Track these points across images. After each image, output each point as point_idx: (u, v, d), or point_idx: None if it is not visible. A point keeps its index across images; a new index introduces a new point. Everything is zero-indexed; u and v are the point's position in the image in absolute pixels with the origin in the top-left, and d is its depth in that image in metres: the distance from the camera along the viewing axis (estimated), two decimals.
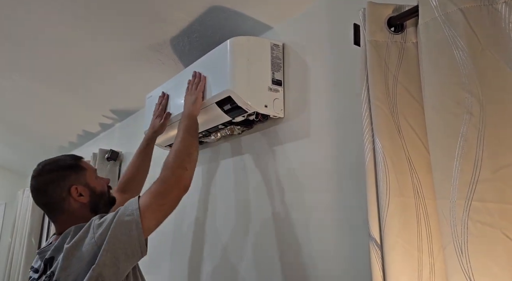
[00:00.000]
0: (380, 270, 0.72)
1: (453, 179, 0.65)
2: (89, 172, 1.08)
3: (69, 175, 1.04)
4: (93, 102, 2.38)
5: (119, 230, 0.90)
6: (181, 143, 1.08)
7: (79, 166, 1.08)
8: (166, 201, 0.96)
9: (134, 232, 0.90)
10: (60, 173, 1.04)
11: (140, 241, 0.91)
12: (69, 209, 1.03)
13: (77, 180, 1.04)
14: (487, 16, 0.67)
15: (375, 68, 0.80)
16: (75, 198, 1.02)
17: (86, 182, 1.06)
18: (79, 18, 1.50)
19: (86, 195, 1.04)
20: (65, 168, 1.06)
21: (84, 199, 1.04)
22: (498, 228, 0.59)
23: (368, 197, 0.76)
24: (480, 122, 0.64)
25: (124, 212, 0.93)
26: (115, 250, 0.89)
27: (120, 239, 0.89)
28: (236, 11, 1.28)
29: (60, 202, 1.02)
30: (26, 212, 3.85)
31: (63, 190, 1.02)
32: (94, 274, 0.86)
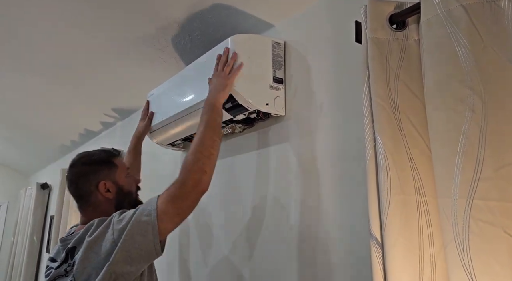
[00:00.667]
0: (381, 269, 0.72)
1: (454, 177, 0.64)
2: (120, 170, 1.11)
3: (100, 170, 1.07)
4: (95, 101, 2.38)
5: (135, 229, 0.91)
6: (201, 141, 1.01)
7: (112, 163, 1.10)
8: (183, 205, 0.95)
9: (150, 233, 0.90)
10: (93, 167, 1.08)
11: (155, 243, 0.91)
12: (95, 202, 1.06)
13: (107, 176, 1.07)
14: (490, 12, 0.66)
15: (377, 65, 0.79)
16: (102, 193, 1.05)
17: (115, 179, 1.08)
18: (81, 16, 1.50)
19: (113, 191, 1.07)
20: (98, 163, 1.09)
21: (110, 195, 1.06)
22: (500, 227, 0.59)
23: (369, 195, 0.76)
24: (482, 120, 0.63)
25: (143, 211, 0.93)
26: (130, 249, 0.90)
27: (136, 239, 0.90)
28: (237, 9, 1.28)
29: (87, 195, 1.06)
30: (28, 211, 3.86)
31: (92, 183, 1.06)
32: (108, 270, 0.88)
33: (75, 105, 2.49)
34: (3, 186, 4.94)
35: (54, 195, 3.58)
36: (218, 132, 1.07)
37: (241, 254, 1.32)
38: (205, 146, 1.01)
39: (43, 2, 1.45)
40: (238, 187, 1.39)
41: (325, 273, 1.02)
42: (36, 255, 3.64)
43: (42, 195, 3.80)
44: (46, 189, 3.83)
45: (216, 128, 1.07)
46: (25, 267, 3.55)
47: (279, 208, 1.20)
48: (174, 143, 1.64)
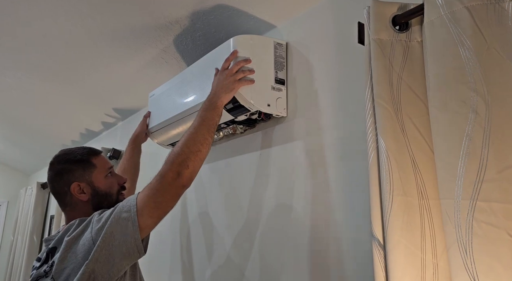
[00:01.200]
0: (382, 270, 0.71)
1: (457, 178, 0.64)
2: (98, 170, 1.05)
3: (74, 170, 1.02)
4: (96, 101, 2.38)
5: (115, 227, 0.88)
6: (192, 136, 0.99)
7: (89, 162, 1.04)
8: (163, 199, 0.91)
9: (130, 229, 0.87)
10: (67, 166, 1.03)
11: (136, 240, 0.88)
12: (71, 203, 1.02)
13: (81, 177, 1.02)
14: (494, 14, 0.66)
15: (380, 66, 0.79)
16: (75, 194, 1.01)
17: (90, 180, 1.03)
18: (83, 17, 1.50)
19: (88, 193, 1.02)
20: (73, 162, 1.03)
21: (84, 197, 1.01)
22: (503, 229, 0.59)
23: (371, 196, 0.76)
24: (486, 121, 0.63)
25: (122, 208, 0.90)
26: (110, 248, 0.87)
27: (116, 237, 0.87)
28: (239, 9, 1.28)
29: (63, 195, 1.02)
30: (28, 210, 3.86)
31: (66, 184, 1.01)
32: (87, 269, 0.85)
33: (76, 104, 2.49)
34: (3, 186, 4.94)
35: None
36: (213, 131, 1.04)
37: (243, 255, 1.32)
38: (196, 141, 0.98)
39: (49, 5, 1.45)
40: (239, 188, 1.38)
41: (328, 273, 1.02)
42: (36, 255, 3.63)
43: (42, 194, 3.80)
44: (47, 189, 3.82)
45: (212, 127, 1.03)
46: (24, 267, 3.55)
47: (280, 209, 1.19)
48: (175, 144, 1.64)
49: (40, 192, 3.78)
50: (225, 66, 1.14)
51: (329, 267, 1.01)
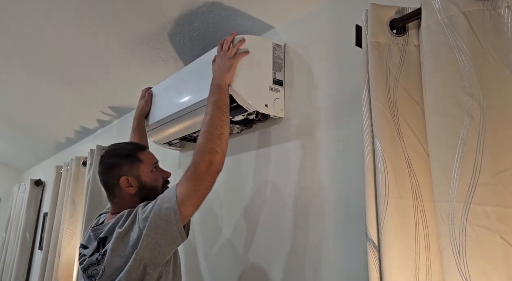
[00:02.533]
0: (377, 271, 0.72)
1: (452, 181, 0.65)
2: (145, 165, 1.10)
3: (123, 165, 1.08)
4: (92, 98, 2.38)
5: (158, 216, 0.94)
6: (210, 122, 1.03)
7: (136, 157, 1.10)
8: (200, 187, 0.97)
9: (173, 218, 0.94)
10: (117, 161, 1.09)
11: (179, 227, 0.95)
12: (119, 195, 1.08)
13: (129, 171, 1.07)
14: (489, 20, 0.67)
15: (377, 69, 0.80)
16: (124, 188, 1.07)
17: (138, 174, 1.08)
18: (79, 13, 1.49)
19: (135, 186, 1.07)
20: (122, 157, 1.09)
21: (132, 190, 1.07)
22: (497, 232, 0.59)
23: (367, 198, 0.76)
24: (480, 125, 0.64)
25: (164, 199, 0.97)
26: (156, 236, 0.94)
27: (160, 225, 0.94)
28: (238, 9, 1.28)
29: (112, 188, 1.08)
30: (21, 207, 3.84)
31: (115, 177, 1.07)
32: (137, 257, 0.93)
33: (71, 102, 2.48)
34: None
35: (48, 192, 3.56)
36: (226, 111, 1.08)
37: (238, 255, 1.32)
38: (215, 126, 1.02)
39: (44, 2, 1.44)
40: (236, 188, 1.39)
41: (321, 274, 1.02)
42: (28, 252, 3.62)
43: (35, 191, 3.77)
44: (40, 186, 3.80)
45: (224, 107, 1.07)
46: (17, 264, 3.52)
47: (276, 209, 1.20)
48: (171, 142, 1.64)
49: (34, 189, 3.76)
50: (225, 48, 1.18)
51: (324, 265, 1.02)
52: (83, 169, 2.62)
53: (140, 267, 0.94)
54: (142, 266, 0.94)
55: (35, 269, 3.36)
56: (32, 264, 3.59)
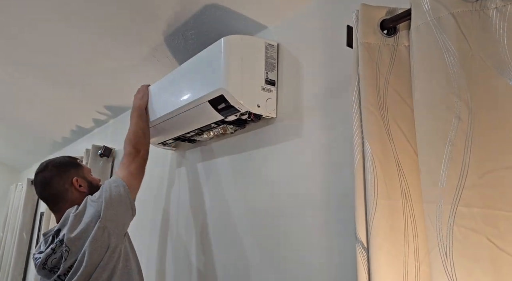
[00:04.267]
0: (366, 273, 0.72)
1: (440, 183, 0.65)
2: (85, 169, 1.35)
3: (70, 170, 1.28)
4: (88, 98, 2.37)
5: (111, 192, 1.16)
6: (136, 126, 1.41)
7: (77, 164, 1.33)
8: (135, 168, 1.28)
9: (123, 192, 1.18)
10: (63, 168, 1.28)
11: (130, 199, 1.19)
12: (71, 198, 1.24)
13: (77, 173, 1.28)
14: (478, 21, 0.67)
15: (367, 70, 0.80)
16: (76, 188, 1.25)
17: (84, 176, 1.30)
18: (75, 13, 1.49)
19: (85, 186, 1.28)
20: (66, 164, 1.30)
21: (84, 189, 1.27)
22: (483, 234, 0.59)
23: (356, 199, 0.76)
24: (468, 127, 0.64)
25: (109, 182, 1.21)
26: (113, 207, 1.14)
27: (115, 199, 1.15)
28: (231, 9, 1.27)
29: (64, 192, 1.24)
30: (18, 207, 3.83)
31: (66, 181, 1.25)
32: (100, 225, 1.10)
33: (67, 101, 2.47)
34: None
35: None
36: (147, 122, 1.47)
37: (231, 255, 1.32)
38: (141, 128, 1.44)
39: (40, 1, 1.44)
40: (229, 188, 1.38)
41: (310, 277, 1.02)
42: (25, 252, 3.61)
43: (32, 191, 3.71)
44: None
45: (146, 120, 1.48)
46: (13, 264, 3.52)
47: (270, 209, 1.20)
48: (166, 143, 1.64)
49: (31, 188, 3.74)
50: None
51: (313, 269, 1.02)
52: None
53: (105, 234, 1.09)
54: (106, 233, 1.09)
55: (32, 269, 3.36)
56: (29, 264, 3.58)
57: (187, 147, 1.67)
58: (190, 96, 1.29)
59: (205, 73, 1.24)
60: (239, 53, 1.17)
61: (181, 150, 1.72)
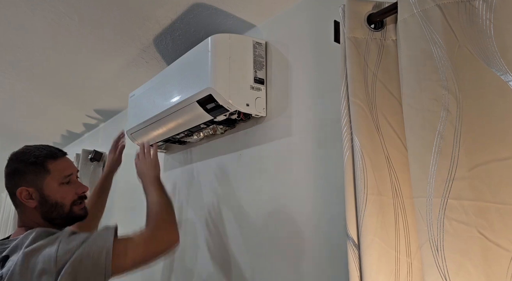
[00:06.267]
0: (357, 270, 0.71)
1: (429, 177, 0.64)
2: (52, 177, 0.95)
3: (25, 173, 0.94)
4: (77, 102, 2.34)
5: (88, 253, 0.82)
6: (161, 206, 1.04)
7: (43, 167, 0.95)
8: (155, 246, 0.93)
9: (103, 261, 0.82)
10: (20, 167, 0.95)
11: (107, 272, 0.82)
12: (20, 206, 0.96)
13: (32, 182, 0.93)
14: (464, 12, 0.66)
15: (354, 65, 0.79)
16: (21, 199, 0.93)
17: (41, 187, 0.94)
18: (62, 16, 1.47)
19: (36, 200, 0.94)
20: (26, 164, 0.95)
21: (32, 203, 0.93)
22: (474, 227, 0.58)
23: (346, 195, 0.75)
24: (457, 119, 0.63)
25: (102, 235, 0.86)
26: (76, 276, 0.80)
27: (87, 266, 0.81)
28: (218, 8, 1.26)
29: (12, 195, 0.96)
30: (9, 214, 3.77)
31: (14, 186, 0.94)
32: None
33: (56, 105, 2.44)
34: None
35: None
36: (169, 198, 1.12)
37: (223, 256, 1.30)
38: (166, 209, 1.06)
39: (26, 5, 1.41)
40: (220, 188, 1.37)
41: (301, 274, 1.01)
42: None
43: None
44: None
45: (167, 195, 1.12)
46: None
47: (260, 209, 1.18)
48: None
49: None
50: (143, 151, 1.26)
51: (303, 266, 1.00)
52: None
53: None
54: None
55: None
56: None
57: (177, 149, 1.65)
58: (179, 97, 1.27)
59: (193, 73, 1.23)
60: (227, 52, 1.16)
61: (171, 152, 1.70)
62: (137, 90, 1.59)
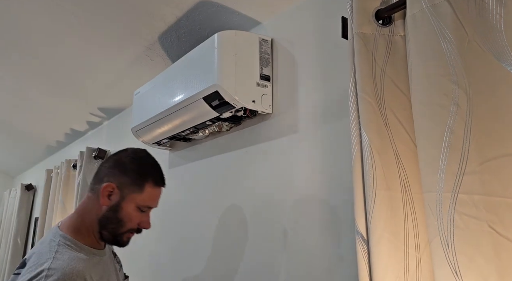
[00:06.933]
0: (366, 265, 0.71)
1: (439, 171, 0.64)
2: (139, 197, 0.91)
3: (125, 175, 0.91)
4: (81, 100, 2.35)
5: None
6: None
7: (142, 183, 0.92)
8: None
9: None
10: (127, 166, 0.92)
11: None
12: (94, 194, 0.93)
13: (122, 186, 0.90)
14: (474, 7, 0.66)
15: (363, 60, 0.79)
16: (101, 191, 0.90)
17: (124, 196, 0.90)
18: (67, 13, 1.47)
19: (110, 202, 0.90)
20: (134, 169, 0.92)
21: (105, 201, 0.90)
22: (484, 221, 0.58)
23: (355, 191, 0.75)
24: (467, 114, 0.63)
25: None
26: None
27: None
28: (224, 6, 1.26)
29: (98, 180, 0.93)
30: (12, 212, 3.78)
31: (108, 176, 0.92)
32: None
33: (61, 104, 2.45)
34: None
35: (38, 196, 3.52)
36: None
37: (230, 255, 1.30)
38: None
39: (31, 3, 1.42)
40: (226, 185, 1.37)
41: (310, 269, 1.01)
42: (20, 257, 3.56)
43: (26, 196, 3.72)
44: (31, 191, 3.75)
45: None
46: (8, 269, 3.47)
47: (266, 206, 1.18)
48: (161, 142, 1.62)
49: (25, 194, 3.71)
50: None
51: (314, 259, 1.00)
52: (73, 172, 2.59)
53: None
54: None
55: None
56: None
57: (183, 146, 1.65)
58: (184, 94, 1.27)
59: (199, 69, 1.23)
60: (233, 48, 1.16)
61: (176, 149, 1.70)
62: (142, 87, 1.59)
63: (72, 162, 2.60)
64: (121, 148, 1.00)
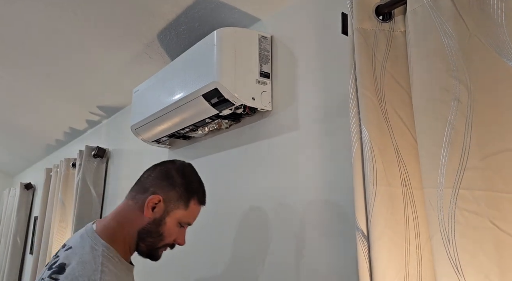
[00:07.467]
0: (366, 262, 0.70)
1: (440, 167, 0.63)
2: (183, 213, 0.90)
3: (173, 189, 0.90)
4: (80, 99, 2.34)
5: None
6: None
7: (187, 200, 0.91)
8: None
9: None
10: (177, 180, 0.91)
11: None
12: (136, 204, 0.89)
13: (169, 200, 0.89)
14: (475, 2, 0.66)
15: (363, 56, 0.78)
16: (146, 202, 0.87)
17: (168, 211, 0.89)
18: (65, 11, 1.46)
19: (153, 215, 0.88)
20: (183, 184, 0.91)
21: (147, 213, 0.87)
22: (486, 217, 0.58)
23: (355, 188, 0.75)
24: (468, 109, 0.63)
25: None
26: None
27: None
28: (223, 2, 1.26)
29: (143, 190, 0.90)
30: (12, 212, 3.78)
31: (155, 187, 0.89)
32: None
33: (59, 102, 2.44)
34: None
35: (38, 195, 3.51)
36: None
37: (227, 252, 1.30)
38: None
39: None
40: (225, 183, 1.36)
41: (310, 267, 1.01)
42: (19, 256, 3.56)
43: (26, 195, 3.72)
44: (30, 190, 3.75)
45: None
46: (8, 269, 3.47)
47: (266, 204, 1.18)
48: (160, 140, 1.62)
49: (24, 193, 3.70)
50: None
51: (315, 255, 1.00)
52: (72, 170, 2.59)
53: None
54: None
55: (27, 274, 3.31)
56: (24, 269, 3.54)
57: (182, 144, 1.65)
58: (184, 91, 1.27)
59: (198, 67, 1.22)
60: (232, 45, 1.16)
61: (176, 147, 1.70)
62: (141, 85, 1.59)
63: (71, 161, 2.60)
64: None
